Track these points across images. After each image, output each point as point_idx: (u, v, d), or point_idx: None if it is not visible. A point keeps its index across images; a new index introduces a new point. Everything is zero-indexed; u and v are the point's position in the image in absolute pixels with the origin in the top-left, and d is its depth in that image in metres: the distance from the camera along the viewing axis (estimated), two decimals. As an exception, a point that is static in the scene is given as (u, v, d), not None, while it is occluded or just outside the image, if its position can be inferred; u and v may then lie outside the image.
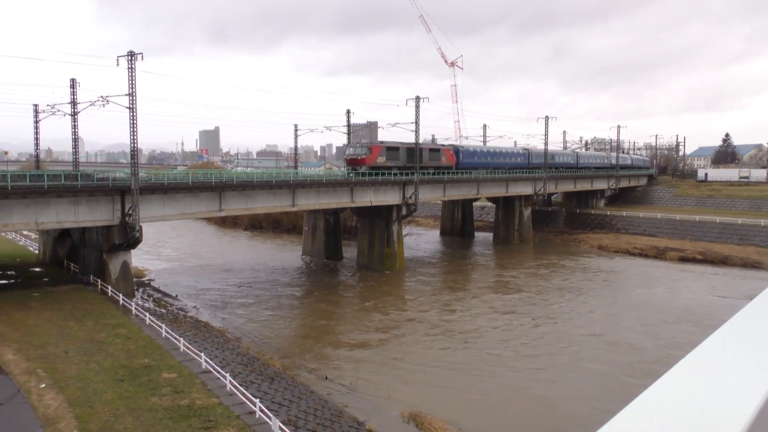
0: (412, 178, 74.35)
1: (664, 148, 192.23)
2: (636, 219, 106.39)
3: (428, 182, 79.71)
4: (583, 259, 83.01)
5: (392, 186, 74.07)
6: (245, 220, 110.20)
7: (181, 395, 26.34)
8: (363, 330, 47.65)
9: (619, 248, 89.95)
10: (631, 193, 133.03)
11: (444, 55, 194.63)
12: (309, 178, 65.29)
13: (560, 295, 60.90)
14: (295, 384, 32.88)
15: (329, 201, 68.73)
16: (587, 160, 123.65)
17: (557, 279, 69.01)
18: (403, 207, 75.24)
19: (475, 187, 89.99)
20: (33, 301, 43.91)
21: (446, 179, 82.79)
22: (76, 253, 56.67)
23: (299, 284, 66.65)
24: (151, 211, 52.13)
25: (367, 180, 69.79)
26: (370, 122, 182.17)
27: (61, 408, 24.64)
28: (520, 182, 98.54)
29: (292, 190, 63.73)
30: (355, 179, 68.84)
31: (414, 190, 74.54)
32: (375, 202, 72.50)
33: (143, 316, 40.14)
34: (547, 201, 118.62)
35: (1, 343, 33.39)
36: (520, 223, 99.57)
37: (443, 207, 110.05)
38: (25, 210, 44.89)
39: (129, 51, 47.97)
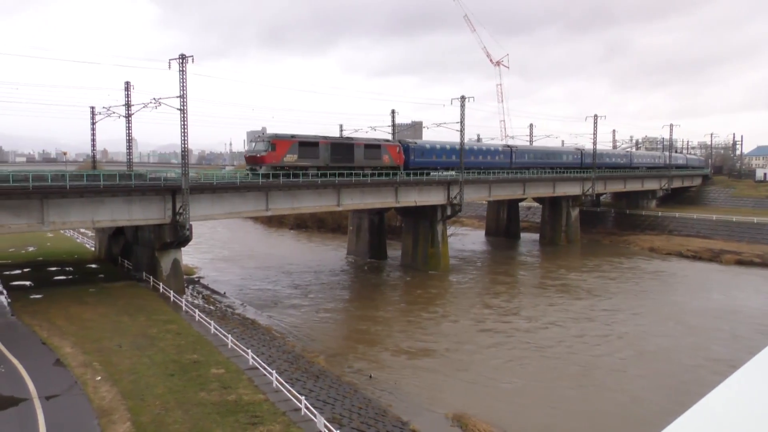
0: (457, 178, 73.89)
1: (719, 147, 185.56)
2: (689, 220, 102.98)
3: (473, 182, 79.04)
4: (635, 261, 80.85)
5: (437, 186, 73.77)
6: (291, 219, 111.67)
7: (228, 391, 26.87)
8: (407, 330, 47.61)
9: (671, 250, 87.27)
10: (685, 193, 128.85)
11: (489, 54, 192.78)
12: (354, 179, 65.61)
13: (613, 297, 59.47)
14: (339, 382, 33.10)
15: (374, 201, 68.94)
16: (641, 159, 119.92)
17: (609, 281, 67.41)
18: (448, 207, 74.84)
19: (521, 187, 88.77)
20: (89, 296, 45.56)
21: (492, 179, 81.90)
22: (130, 250, 58.54)
23: (344, 283, 67.11)
24: (201, 210, 53.35)
25: (412, 180, 69.65)
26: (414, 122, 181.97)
27: (115, 400, 25.47)
28: (568, 182, 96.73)
29: (337, 190, 64.19)
30: (399, 179, 68.83)
31: (459, 190, 74.05)
32: (419, 202, 72.36)
33: (193, 312, 41.12)
34: (595, 201, 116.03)
35: (60, 337, 34.78)
36: (567, 223, 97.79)
37: (488, 207, 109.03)
38: (82, 208, 46.61)
39: (180, 54, 49.17)
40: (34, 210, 44.03)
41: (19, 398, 25.61)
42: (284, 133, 59.44)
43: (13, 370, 29.16)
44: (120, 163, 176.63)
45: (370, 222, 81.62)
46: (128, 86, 62.46)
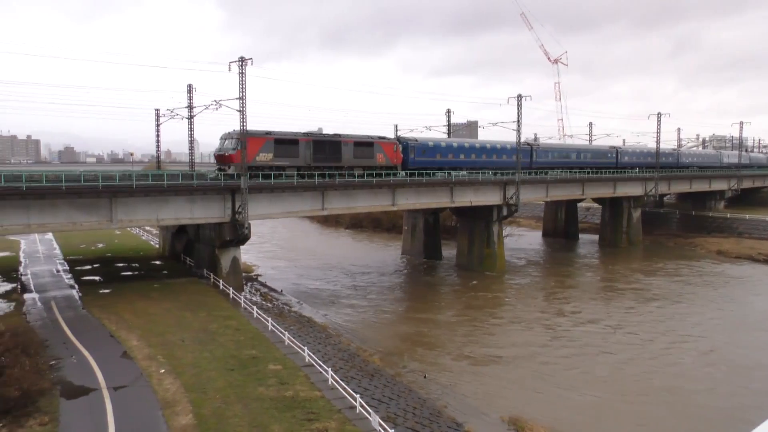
0: (514, 179, 72.79)
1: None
2: (761, 223, 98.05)
3: (530, 182, 77.76)
4: (703, 265, 77.60)
5: (493, 186, 72.89)
6: (347, 219, 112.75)
7: (285, 387, 27.34)
8: (462, 330, 47.28)
9: (740, 254, 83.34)
10: (756, 194, 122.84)
11: (547, 52, 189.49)
12: (409, 179, 65.58)
13: (688, 302, 57.28)
14: (394, 381, 33.18)
15: (429, 201, 68.74)
16: (690, 159, 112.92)
17: (680, 285, 64.99)
18: (504, 207, 73.86)
19: (580, 187, 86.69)
20: (154, 291, 47.29)
21: (549, 179, 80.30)
22: (192, 248, 60.44)
23: (399, 283, 67.21)
24: (259, 209, 54.52)
25: (467, 180, 69.07)
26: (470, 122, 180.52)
27: (178, 393, 26.33)
28: (629, 182, 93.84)
29: (392, 190, 64.35)
30: (454, 179, 68.36)
31: (515, 191, 72.94)
32: (475, 202, 71.68)
33: (251, 309, 42.06)
34: (658, 202, 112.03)
35: (126, 330, 36.24)
36: (628, 224, 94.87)
37: (546, 207, 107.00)
38: (148, 207, 48.42)
39: (240, 57, 50.39)
40: (103, 208, 46.06)
41: (90, 388, 26.83)
42: (257, 130, 54.65)
43: (83, 361, 30.57)
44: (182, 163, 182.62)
45: (425, 222, 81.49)
46: (190, 89, 64.50)
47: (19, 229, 43.89)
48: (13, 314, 40.37)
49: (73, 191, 43.31)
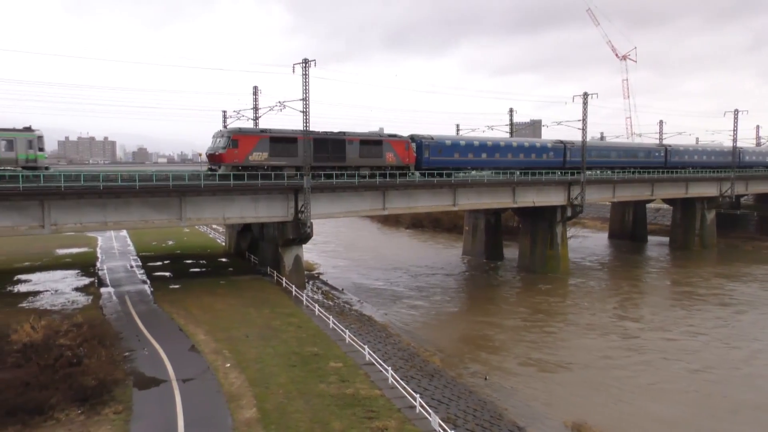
0: (578, 179, 70.95)
1: None
2: None
3: (596, 182, 75.66)
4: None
5: (556, 186, 71.34)
6: (407, 218, 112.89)
7: (346, 384, 27.65)
8: (523, 333, 46.51)
9: (826, 258, 78.29)
10: None
11: (614, 48, 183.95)
12: (470, 178, 64.97)
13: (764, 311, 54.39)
14: (454, 383, 32.99)
15: (490, 201, 67.95)
16: (756, 157, 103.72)
17: (762, 291, 61.69)
18: (568, 208, 72.13)
19: (649, 187, 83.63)
20: (220, 288, 48.80)
21: (616, 179, 77.81)
22: (256, 246, 62.00)
23: (460, 284, 66.76)
24: (321, 208, 55.35)
25: (530, 180, 67.84)
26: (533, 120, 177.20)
27: (243, 387, 27.08)
28: (703, 183, 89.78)
29: (453, 190, 63.97)
30: (517, 179, 67.25)
31: (580, 191, 71.10)
32: (538, 202, 70.34)
33: (313, 307, 42.76)
34: (734, 203, 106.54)
35: (194, 325, 37.56)
36: (701, 226, 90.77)
37: (612, 208, 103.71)
38: (215, 206, 50.01)
39: (303, 59, 51.28)
40: (173, 207, 47.89)
41: (160, 379, 27.96)
42: (251, 127, 51.65)
43: (155, 353, 31.89)
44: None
45: (486, 222, 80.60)
46: (256, 91, 66.20)
47: (97, 226, 46.19)
48: (90, 307, 42.54)
49: (146, 190, 45.23)
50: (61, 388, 24.81)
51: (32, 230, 42.94)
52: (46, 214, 42.56)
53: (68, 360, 27.67)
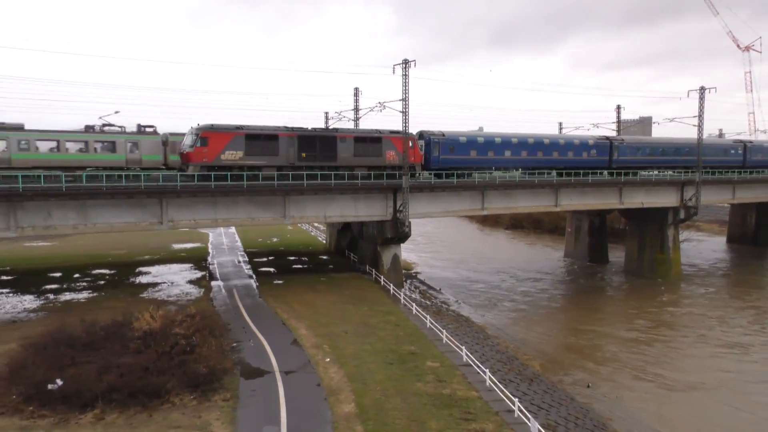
0: (693, 178, 66.56)
1: None
2: None
3: (712, 182, 70.66)
4: None
5: (668, 186, 67.36)
6: (506, 219, 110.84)
7: (443, 384, 27.58)
8: (630, 341, 44.28)
9: None
10: None
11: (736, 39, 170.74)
12: (573, 178, 62.75)
13: None
14: (554, 388, 32.00)
15: (594, 202, 65.27)
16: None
17: None
18: (681, 210, 67.86)
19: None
20: (320, 284, 50.25)
21: (736, 179, 72.27)
22: (355, 244, 63.25)
23: (561, 287, 64.64)
24: (419, 208, 55.54)
25: (639, 180, 64.48)
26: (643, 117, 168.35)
27: (342, 381, 27.72)
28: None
29: (555, 190, 62.06)
30: (624, 179, 64.11)
31: (695, 191, 66.67)
32: (647, 203, 66.75)
33: (410, 305, 42.99)
34: None
35: (296, 320, 38.92)
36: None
37: (731, 210, 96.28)
38: (316, 205, 51.55)
39: (403, 59, 51.71)
40: (278, 205, 49.87)
41: (265, 370, 29.20)
42: (226, 124, 48.82)
43: (259, 345, 33.35)
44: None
45: (590, 224, 77.51)
46: (357, 92, 67.52)
47: (208, 223, 48.99)
48: (202, 299, 45.22)
49: (252, 189, 47.42)
50: (176, 374, 26.50)
51: (152, 226, 46.26)
52: (164, 211, 45.71)
53: (182, 348, 29.51)
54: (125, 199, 44.22)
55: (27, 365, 26.92)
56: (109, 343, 30.28)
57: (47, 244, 77.77)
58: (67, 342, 29.90)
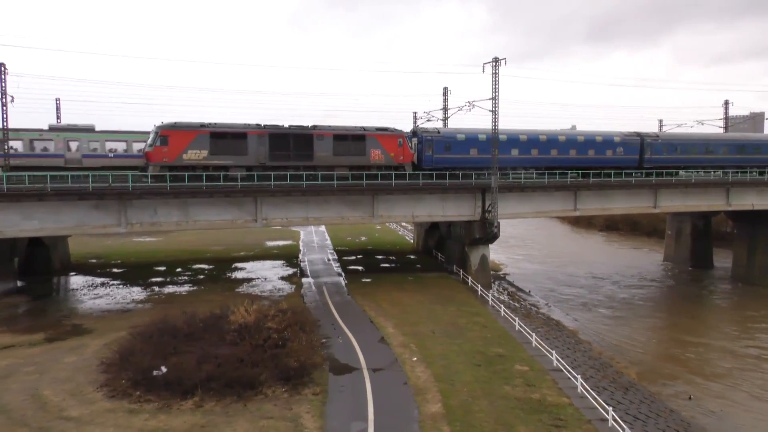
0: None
1: None
2: None
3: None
4: None
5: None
6: (600, 220, 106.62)
7: (532, 389, 26.93)
8: (740, 353, 41.34)
9: None
10: None
11: None
12: (675, 178, 59.39)
13: None
14: (652, 399, 30.44)
15: (698, 203, 61.51)
16: None
17: None
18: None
19: None
20: (408, 284, 50.47)
21: None
22: (443, 244, 63.03)
23: (661, 293, 61.38)
24: (508, 208, 54.53)
25: (748, 180, 60.10)
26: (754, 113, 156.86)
27: (428, 381, 27.70)
28: None
29: (653, 191, 59.06)
30: (732, 179, 59.97)
31: (814, 192, 61.32)
32: (758, 206, 62.14)
33: (498, 307, 42.31)
34: None
35: (384, 318, 39.29)
36: None
37: None
38: (404, 204, 51.84)
39: (493, 57, 50.97)
40: (366, 204, 50.59)
41: (353, 367, 29.69)
42: (189, 122, 46.87)
43: (348, 342, 33.95)
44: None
45: (692, 226, 73.09)
46: (446, 91, 67.25)
47: (299, 221, 50.49)
48: (293, 295, 46.65)
49: (343, 189, 48.39)
50: (268, 367, 27.49)
51: (247, 223, 48.27)
52: (259, 210, 47.55)
53: (275, 342, 30.56)
54: (223, 198, 46.41)
55: (135, 352, 28.85)
56: (207, 334, 31.85)
57: (153, 240, 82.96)
58: (170, 332, 31.75)
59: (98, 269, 59.19)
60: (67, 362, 30.09)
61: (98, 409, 24.07)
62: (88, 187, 42.07)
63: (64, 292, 50.04)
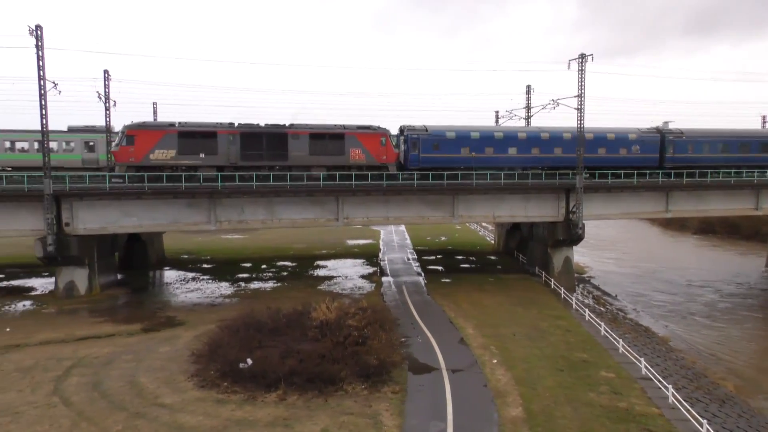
0: None
1: None
2: None
3: None
4: None
5: None
6: (695, 222, 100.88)
7: (618, 397, 25.89)
8: None
9: None
10: None
11: None
12: None
13: None
14: (752, 413, 28.49)
15: (807, 204, 57.02)
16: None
17: None
18: None
19: None
20: (488, 285, 49.82)
21: None
22: (525, 245, 61.76)
23: (763, 302, 57.30)
24: (594, 209, 52.70)
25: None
26: None
27: (509, 384, 27.21)
28: None
29: (755, 191, 55.36)
30: None
31: None
32: None
33: (582, 311, 40.96)
34: None
35: (463, 319, 38.98)
36: None
37: None
38: (485, 204, 51.23)
39: (580, 54, 49.42)
40: (447, 204, 50.41)
41: (432, 367, 29.64)
42: (158, 122, 46.06)
43: (427, 342, 33.94)
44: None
45: (799, 230, 67.75)
46: (528, 90, 65.85)
47: (380, 221, 50.98)
48: (373, 293, 47.15)
49: (423, 189, 48.45)
50: (348, 364, 27.91)
51: (329, 222, 49.28)
52: (340, 209, 48.43)
53: (355, 339, 30.99)
54: (306, 197, 47.62)
55: (223, 345, 30.12)
56: (290, 330, 32.75)
57: (239, 237, 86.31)
58: (256, 327, 32.90)
59: (190, 264, 62.23)
60: (162, 352, 31.84)
61: (189, 398, 25.31)
62: (181, 186, 44.33)
63: (159, 285, 53.01)
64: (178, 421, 23.00)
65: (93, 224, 45.08)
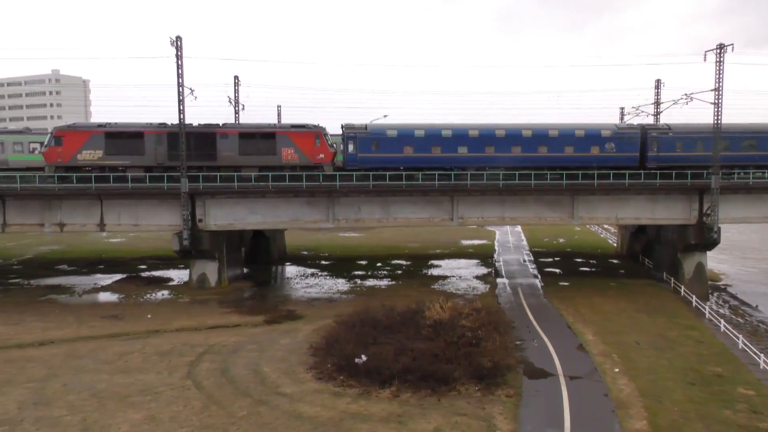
0: None
1: None
2: None
3: None
4: None
5: None
6: None
7: (759, 416, 23.66)
8: None
9: None
10: None
11: None
12: None
13: None
14: None
15: None
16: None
17: None
18: None
19: None
20: (610, 290, 47.48)
21: None
22: (651, 249, 58.07)
23: None
24: (732, 212, 48.60)
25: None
26: None
27: (632, 395, 25.75)
28: None
29: None
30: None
31: None
32: None
33: (717, 321, 37.92)
34: None
35: (582, 324, 37.43)
36: None
37: None
38: (608, 205, 48.88)
39: (718, 44, 45.79)
40: (565, 205, 48.68)
41: (548, 372, 28.74)
42: (86, 123, 43.42)
43: (543, 346, 32.95)
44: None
45: None
46: (658, 84, 62.02)
47: (495, 221, 50.27)
48: (487, 295, 46.52)
49: (540, 189, 47.12)
50: (462, 365, 27.76)
51: (443, 222, 49.33)
52: (455, 209, 48.30)
53: (468, 340, 30.79)
54: (421, 197, 47.95)
55: (339, 340, 31.09)
56: (404, 328, 33.15)
57: (356, 235, 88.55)
58: (371, 323, 33.64)
59: (309, 260, 64.79)
60: (283, 343, 33.44)
61: (307, 389, 26.38)
62: (302, 185, 46.30)
63: (280, 279, 55.71)
64: (297, 411, 24.03)
65: (222, 221, 48.25)
